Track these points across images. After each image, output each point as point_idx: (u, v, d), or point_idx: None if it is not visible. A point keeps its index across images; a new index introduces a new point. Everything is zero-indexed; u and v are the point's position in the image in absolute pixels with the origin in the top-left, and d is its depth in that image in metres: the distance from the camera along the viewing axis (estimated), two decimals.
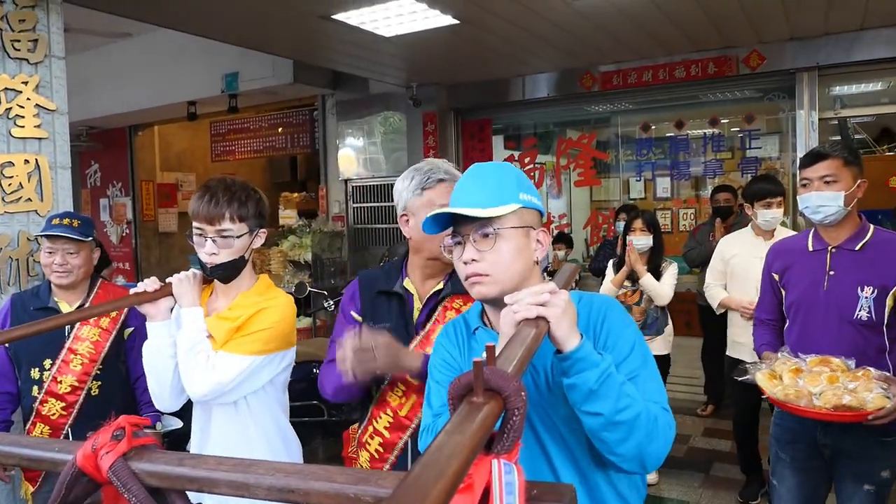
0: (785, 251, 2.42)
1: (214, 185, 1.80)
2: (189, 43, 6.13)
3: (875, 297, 2.14)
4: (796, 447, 2.33)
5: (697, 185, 6.86)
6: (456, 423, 0.69)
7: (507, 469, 0.74)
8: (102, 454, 0.93)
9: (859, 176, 2.19)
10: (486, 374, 0.76)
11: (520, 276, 1.28)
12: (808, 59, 5.09)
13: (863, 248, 2.19)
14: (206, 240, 1.77)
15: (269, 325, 1.82)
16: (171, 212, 9.39)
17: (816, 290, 2.24)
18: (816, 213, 2.21)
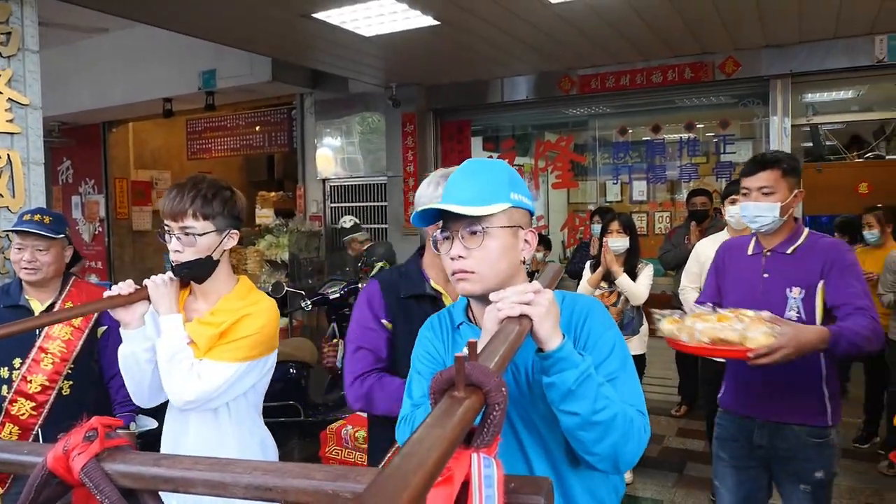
0: (729, 251, 2.49)
1: (184, 182, 1.77)
2: (166, 39, 6.07)
3: (804, 298, 2.21)
4: (734, 447, 2.38)
5: (673, 189, 6.94)
6: (437, 417, 0.69)
7: (486, 463, 0.74)
8: (74, 455, 0.92)
9: (796, 186, 2.27)
10: (467, 369, 0.77)
11: (505, 275, 1.28)
12: (782, 66, 5.18)
13: (794, 252, 2.27)
14: (172, 237, 1.74)
15: (253, 330, 1.79)
16: (145, 210, 9.27)
17: (752, 293, 2.31)
18: (754, 222, 2.29)
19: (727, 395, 2.45)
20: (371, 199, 7.17)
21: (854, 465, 4.40)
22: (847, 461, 4.44)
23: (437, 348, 1.40)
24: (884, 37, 4.81)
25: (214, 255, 1.79)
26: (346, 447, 3.00)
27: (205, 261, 1.77)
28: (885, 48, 4.82)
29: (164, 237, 1.78)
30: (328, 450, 3.05)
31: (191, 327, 1.80)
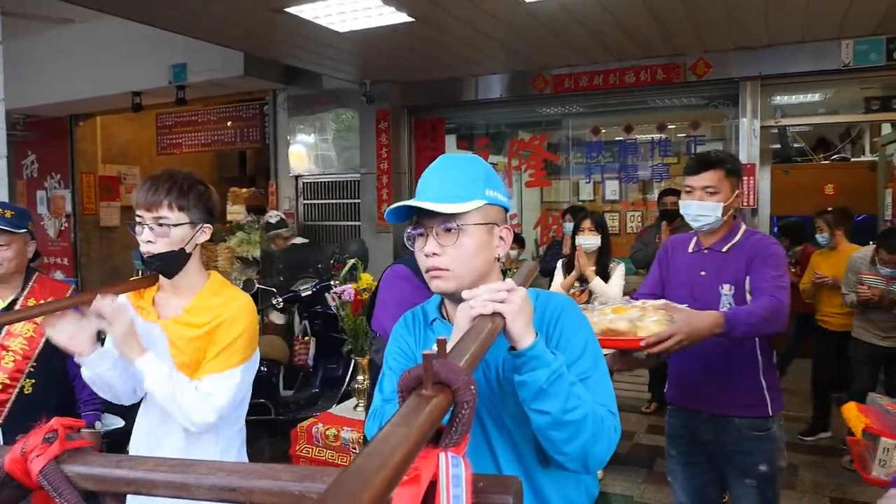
0: (674, 247, 2.54)
1: (159, 174, 1.76)
2: (135, 32, 5.95)
3: (734, 294, 2.26)
4: (681, 443, 2.45)
5: (645, 189, 7.02)
6: (403, 415, 0.68)
7: (454, 462, 0.74)
8: (32, 458, 0.89)
9: (737, 187, 2.33)
10: (435, 367, 0.76)
11: (479, 273, 1.28)
12: (752, 68, 5.26)
13: (729, 250, 2.32)
14: (145, 228, 1.72)
15: (241, 330, 1.78)
16: (113, 206, 9.09)
17: (691, 290, 2.36)
18: (696, 220, 2.34)
19: (671, 391, 2.51)
20: (344, 196, 7.12)
21: (818, 459, 4.50)
22: (811, 456, 4.54)
23: (410, 344, 1.39)
24: (850, 41, 4.91)
25: (187, 248, 1.77)
26: (317, 445, 2.98)
27: (177, 253, 1.75)
28: (850, 53, 4.92)
29: (134, 229, 1.75)
30: (299, 448, 3.02)
31: (168, 326, 1.77)
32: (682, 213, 2.42)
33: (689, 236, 2.55)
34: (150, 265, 1.76)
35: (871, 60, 4.89)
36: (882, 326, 4.21)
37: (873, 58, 4.88)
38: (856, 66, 4.94)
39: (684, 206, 2.37)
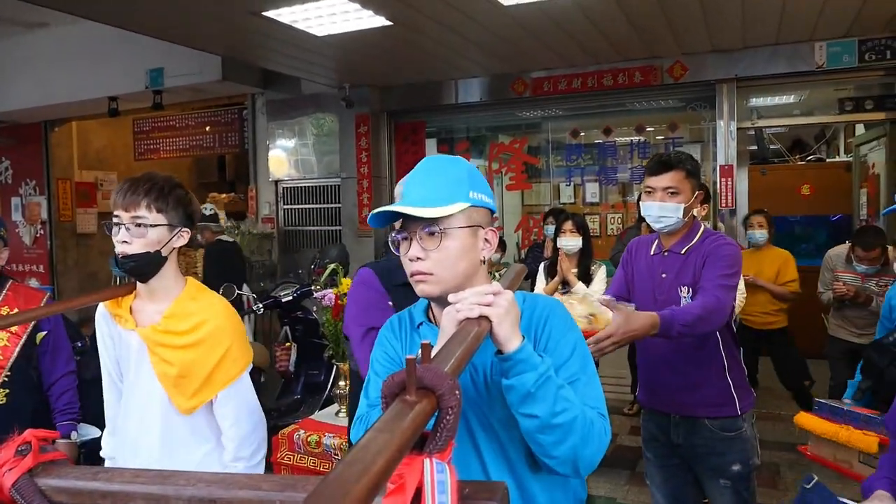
0: (637, 248, 2.52)
1: (139, 176, 1.74)
2: (111, 35, 5.88)
3: (692, 296, 2.26)
4: (656, 445, 2.45)
5: (624, 191, 7.06)
6: (386, 422, 0.67)
7: (439, 468, 0.73)
8: (5, 471, 0.87)
9: (697, 188, 2.32)
10: (419, 372, 0.75)
11: (464, 276, 1.27)
12: (728, 70, 5.32)
13: (687, 252, 2.31)
14: (121, 228, 1.70)
15: (234, 336, 1.79)
16: (90, 212, 8.97)
17: (652, 292, 2.36)
18: (658, 222, 2.31)
19: (642, 394, 2.50)
20: (325, 200, 7.09)
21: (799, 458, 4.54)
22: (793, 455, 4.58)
23: (396, 349, 1.38)
24: (823, 43, 4.98)
25: (163, 250, 1.74)
26: (299, 452, 2.95)
27: (152, 255, 1.72)
28: (824, 54, 5.00)
29: (110, 230, 1.73)
30: (280, 455, 2.99)
31: (146, 335, 1.75)
32: (644, 215, 2.39)
33: (651, 237, 2.53)
34: (124, 266, 1.73)
35: (844, 62, 4.97)
36: (858, 324, 4.26)
37: (846, 59, 4.97)
38: (829, 68, 5.03)
39: (645, 208, 2.34)
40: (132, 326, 1.80)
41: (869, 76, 5.21)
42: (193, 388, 1.75)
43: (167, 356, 1.75)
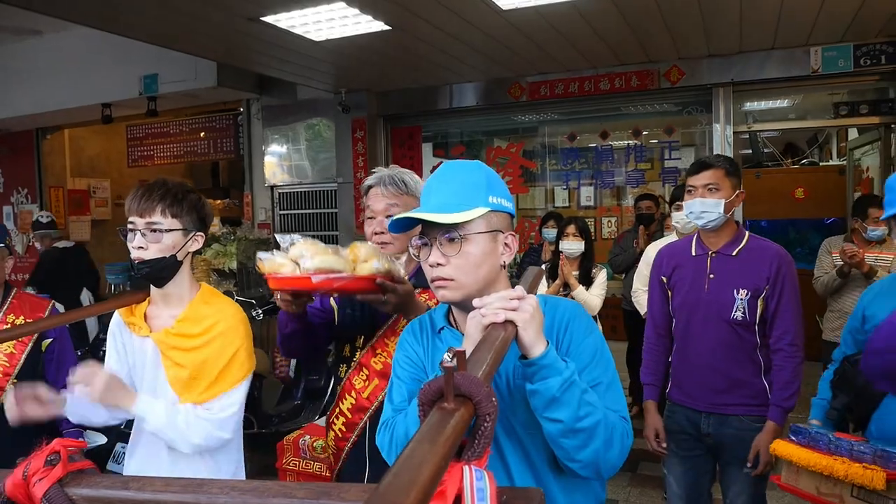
0: (671, 255, 2.59)
1: (153, 182, 1.75)
2: (104, 42, 5.86)
3: (748, 300, 2.33)
4: (683, 437, 2.50)
5: (619, 195, 7.08)
6: (427, 431, 0.67)
7: (478, 475, 0.73)
8: (35, 481, 0.86)
9: (738, 187, 2.40)
10: (456, 380, 0.75)
11: (485, 281, 1.27)
12: (724, 75, 5.35)
13: (738, 254, 2.38)
14: (136, 234, 1.71)
15: (239, 344, 1.78)
16: (83, 220, 8.92)
17: (699, 292, 2.42)
18: (700, 218, 2.38)
19: (674, 390, 2.56)
20: (321, 205, 7.07)
21: None
22: None
23: (418, 353, 1.38)
24: (818, 48, 5.02)
25: (178, 255, 1.75)
26: (305, 458, 2.93)
27: (167, 260, 1.73)
28: (819, 59, 5.03)
29: (125, 235, 1.73)
30: (286, 461, 2.98)
31: (159, 339, 1.74)
32: (686, 214, 2.47)
33: (683, 242, 2.59)
34: (140, 271, 1.73)
35: (840, 67, 5.01)
36: None
37: (841, 64, 5.00)
38: (825, 73, 5.06)
39: (688, 206, 2.42)
40: (146, 333, 1.79)
41: (864, 81, 5.25)
42: (203, 386, 1.74)
43: (179, 359, 1.75)
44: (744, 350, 2.35)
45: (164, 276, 1.76)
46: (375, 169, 1.99)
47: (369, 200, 1.92)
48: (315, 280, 1.51)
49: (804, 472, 1.93)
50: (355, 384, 1.88)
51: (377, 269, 1.59)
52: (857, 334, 2.08)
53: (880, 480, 1.71)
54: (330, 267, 1.54)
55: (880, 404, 1.91)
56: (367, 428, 1.84)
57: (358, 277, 1.57)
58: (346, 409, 1.88)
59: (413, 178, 1.94)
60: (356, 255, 1.63)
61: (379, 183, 1.91)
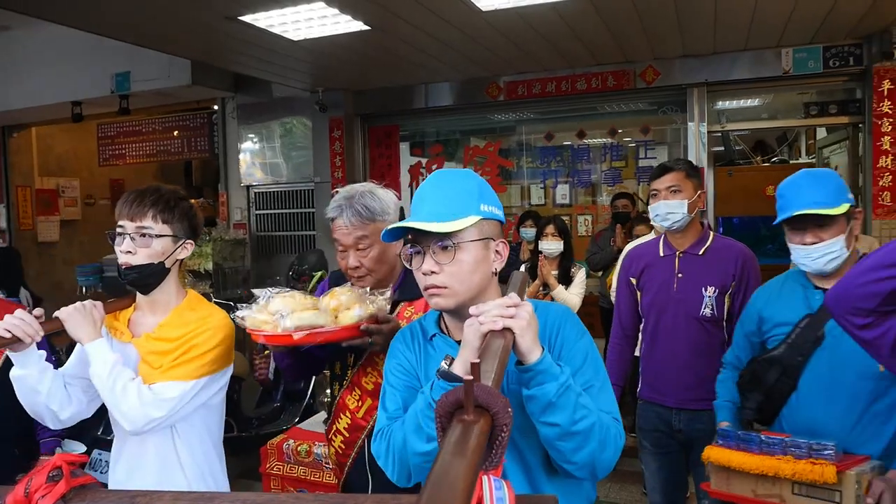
0: (639, 256, 2.67)
1: (145, 188, 1.74)
2: (75, 39, 5.74)
3: (716, 296, 2.43)
4: (655, 436, 2.58)
5: (595, 193, 7.14)
6: (455, 444, 0.68)
7: (497, 485, 0.74)
8: (38, 498, 0.85)
9: (699, 188, 2.51)
10: (474, 391, 0.76)
11: (478, 288, 1.28)
12: (698, 75, 5.44)
13: (705, 253, 2.49)
14: (125, 238, 1.68)
15: (213, 345, 1.73)
16: (52, 220, 8.74)
17: (668, 291, 2.51)
18: (665, 220, 2.48)
19: (645, 388, 2.64)
20: (298, 205, 7.02)
21: None
22: None
23: (410, 361, 1.39)
24: (789, 50, 5.13)
25: (167, 262, 1.73)
26: (289, 462, 2.92)
27: (156, 266, 1.71)
28: (790, 60, 5.14)
29: (114, 239, 1.71)
30: (269, 465, 2.96)
31: (141, 344, 1.72)
32: (652, 218, 2.56)
33: (651, 244, 2.68)
34: (127, 276, 1.71)
35: (810, 68, 5.12)
36: None
37: (811, 65, 5.12)
38: (796, 73, 5.17)
39: (653, 209, 2.51)
40: (128, 339, 1.77)
41: (833, 82, 5.38)
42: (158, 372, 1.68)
43: (153, 361, 1.71)
44: (712, 346, 2.43)
45: (151, 283, 1.74)
46: (337, 189, 1.88)
47: (335, 233, 1.82)
48: (297, 337, 1.53)
49: (735, 475, 1.90)
50: (349, 404, 1.87)
51: (360, 316, 1.59)
52: (753, 337, 2.14)
53: (831, 474, 1.71)
54: (310, 324, 1.54)
55: (788, 401, 2.00)
56: (365, 445, 1.84)
57: (342, 328, 1.57)
58: (343, 427, 1.88)
59: (376, 196, 1.81)
60: (339, 302, 1.62)
61: (341, 214, 1.78)
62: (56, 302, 1.79)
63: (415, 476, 1.27)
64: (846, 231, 1.90)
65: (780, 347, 2.01)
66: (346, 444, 1.88)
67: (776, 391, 2.02)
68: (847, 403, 1.89)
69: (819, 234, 1.88)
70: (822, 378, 1.93)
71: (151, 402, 1.63)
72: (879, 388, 1.84)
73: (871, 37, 4.93)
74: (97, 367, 1.62)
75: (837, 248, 1.88)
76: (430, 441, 1.18)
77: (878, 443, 1.86)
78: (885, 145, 4.94)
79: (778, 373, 2.01)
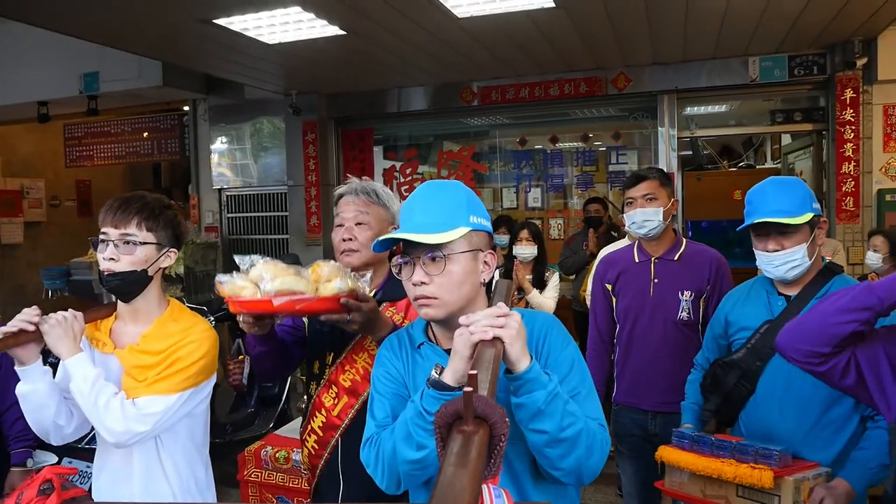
0: (614, 262, 2.72)
1: (130, 195, 1.73)
2: (43, 37, 5.62)
3: (692, 300, 2.49)
4: (631, 440, 2.62)
5: (566, 196, 7.21)
6: (457, 455, 0.70)
7: (496, 493, 0.76)
8: None
9: (672, 195, 2.58)
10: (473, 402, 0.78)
11: (467, 299, 1.30)
12: (668, 82, 5.55)
13: (680, 258, 2.54)
14: (108, 245, 1.67)
15: (197, 357, 1.71)
16: (15, 221, 8.51)
17: (644, 296, 2.56)
18: (642, 227, 2.53)
19: (620, 393, 2.67)
20: (270, 208, 6.97)
21: None
22: None
23: (398, 369, 1.40)
24: (756, 59, 5.27)
25: (150, 270, 1.71)
26: (267, 468, 2.90)
27: (138, 274, 1.69)
28: (757, 69, 5.28)
29: (97, 246, 1.69)
30: (247, 472, 2.94)
31: (122, 356, 1.69)
32: (628, 225, 2.60)
33: (624, 250, 2.73)
34: (109, 283, 1.69)
35: (776, 76, 5.27)
36: None
37: (777, 73, 5.26)
38: (762, 82, 5.32)
39: (629, 217, 2.55)
40: (111, 349, 1.75)
41: (798, 90, 5.54)
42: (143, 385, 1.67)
43: (137, 375, 1.70)
44: (688, 349, 2.47)
45: (133, 291, 1.72)
46: (349, 178, 2.00)
47: (339, 208, 1.93)
48: (276, 303, 1.50)
49: (688, 475, 1.95)
50: (325, 402, 1.88)
51: (340, 289, 1.57)
52: (720, 339, 2.19)
53: (768, 479, 1.75)
54: (291, 289, 1.52)
55: (746, 405, 2.05)
56: (338, 445, 1.85)
57: (321, 298, 1.55)
58: (318, 426, 1.88)
59: (385, 190, 1.95)
60: (318, 275, 1.61)
61: (350, 192, 1.92)
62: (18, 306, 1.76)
63: (404, 483, 1.28)
64: (809, 240, 1.91)
65: (741, 352, 2.06)
66: (320, 444, 1.88)
67: (735, 394, 2.06)
68: (801, 410, 1.92)
69: (781, 241, 1.90)
70: (779, 384, 1.96)
71: (135, 416, 1.61)
72: (833, 396, 1.86)
73: (834, 47, 5.08)
74: (78, 383, 1.61)
75: (799, 257, 1.90)
76: (420, 449, 1.19)
77: (830, 450, 1.89)
78: (847, 152, 5.10)
79: (736, 376, 2.05)
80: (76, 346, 1.64)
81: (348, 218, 1.88)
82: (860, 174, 5.09)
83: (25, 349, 1.61)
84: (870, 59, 4.94)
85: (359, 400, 1.81)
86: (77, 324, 1.66)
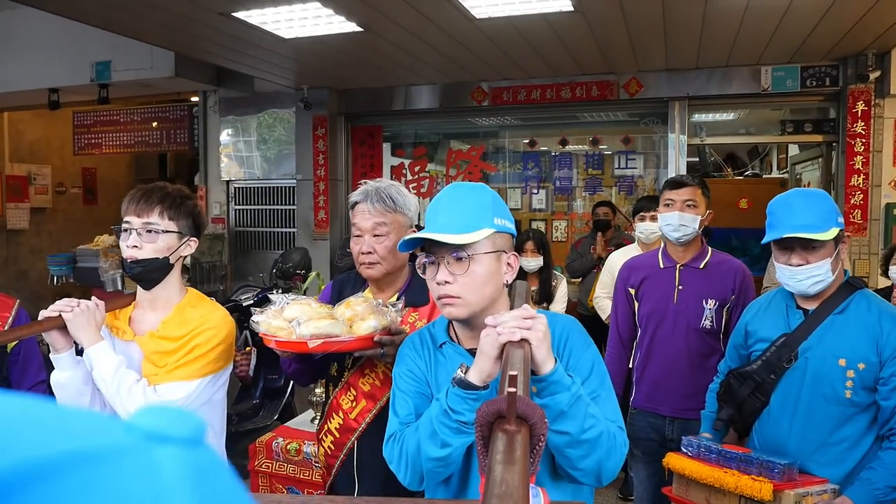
0: (638, 267, 2.73)
1: (151, 186, 1.77)
2: (56, 24, 5.64)
3: (716, 309, 2.51)
4: (647, 444, 2.63)
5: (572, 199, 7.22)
6: (505, 454, 0.72)
7: (534, 493, 0.78)
8: None
9: (709, 206, 2.59)
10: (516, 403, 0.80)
11: (490, 299, 1.33)
12: (680, 89, 5.56)
13: (705, 267, 2.55)
14: (131, 233, 1.71)
15: (216, 342, 1.76)
16: (21, 207, 8.54)
17: (667, 302, 2.57)
18: (677, 231, 2.52)
19: (639, 397, 2.68)
20: (278, 202, 6.98)
21: None
22: None
23: (420, 367, 1.42)
24: (769, 68, 5.28)
25: (171, 258, 1.75)
26: (278, 460, 2.93)
27: (161, 261, 1.73)
28: (769, 78, 5.29)
29: (119, 234, 1.74)
30: (258, 463, 2.96)
31: (144, 342, 1.72)
32: (662, 227, 2.58)
33: (649, 255, 2.73)
34: (132, 271, 1.73)
35: (788, 86, 5.28)
36: None
37: (789, 84, 5.28)
38: (774, 91, 5.33)
39: (665, 219, 2.53)
40: (130, 337, 1.77)
41: (809, 100, 5.56)
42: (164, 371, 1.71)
43: (157, 361, 1.73)
44: (709, 357, 2.50)
45: (155, 278, 1.76)
46: (363, 181, 1.96)
47: (355, 217, 1.88)
48: (312, 345, 1.56)
49: (694, 483, 1.96)
50: (342, 404, 1.88)
51: (375, 328, 1.62)
52: (741, 349, 2.19)
53: (767, 491, 1.77)
54: (326, 333, 1.58)
55: (759, 417, 2.05)
56: (355, 447, 1.86)
57: (356, 339, 1.60)
58: (335, 428, 1.89)
59: (401, 192, 1.91)
60: (353, 311, 1.65)
61: (366, 199, 1.86)
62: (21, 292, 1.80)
63: (427, 480, 1.31)
64: (833, 255, 1.88)
65: (756, 363, 2.05)
66: (336, 446, 1.89)
67: (748, 406, 2.06)
68: (812, 425, 1.92)
69: (806, 256, 1.87)
70: (791, 398, 1.96)
71: (157, 403, 1.63)
72: (846, 413, 1.87)
73: (847, 59, 5.10)
74: (101, 370, 1.64)
75: (823, 272, 1.87)
76: (444, 447, 1.21)
77: (841, 467, 1.88)
78: (857, 164, 5.11)
79: (750, 388, 2.05)
80: (98, 335, 1.68)
81: (366, 229, 1.84)
82: (869, 187, 5.10)
83: (61, 335, 1.66)
84: (882, 73, 4.96)
85: (377, 405, 1.82)
86: (99, 313, 1.70)
